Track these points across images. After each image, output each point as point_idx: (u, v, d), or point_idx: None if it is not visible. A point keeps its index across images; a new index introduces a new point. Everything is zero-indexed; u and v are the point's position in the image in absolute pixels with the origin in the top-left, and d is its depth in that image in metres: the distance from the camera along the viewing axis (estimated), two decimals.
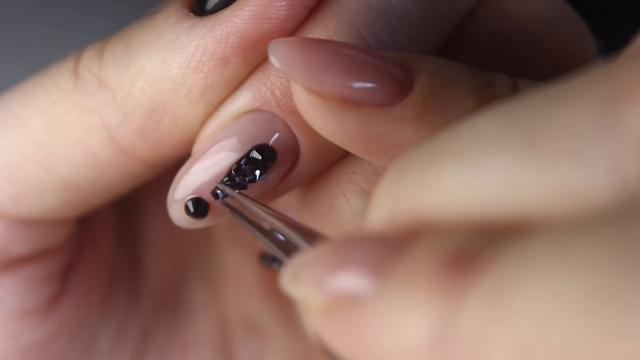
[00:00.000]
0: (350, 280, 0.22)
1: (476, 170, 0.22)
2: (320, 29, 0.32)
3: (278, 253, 0.31)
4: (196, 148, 0.34)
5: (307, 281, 0.23)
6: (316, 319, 0.23)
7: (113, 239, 0.41)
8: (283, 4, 0.31)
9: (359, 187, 0.33)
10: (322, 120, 0.30)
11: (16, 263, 0.37)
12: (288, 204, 0.38)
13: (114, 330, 0.41)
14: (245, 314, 0.43)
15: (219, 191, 0.33)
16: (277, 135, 0.32)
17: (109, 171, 0.34)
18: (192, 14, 0.32)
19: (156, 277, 0.42)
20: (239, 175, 0.33)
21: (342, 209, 0.33)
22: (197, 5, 0.32)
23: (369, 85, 0.29)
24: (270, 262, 0.38)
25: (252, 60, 0.32)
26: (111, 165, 0.34)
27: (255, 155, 0.32)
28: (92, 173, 0.34)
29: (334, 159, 0.34)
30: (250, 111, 0.33)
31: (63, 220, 0.36)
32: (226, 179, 0.33)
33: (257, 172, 0.32)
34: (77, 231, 0.39)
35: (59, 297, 0.38)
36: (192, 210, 0.33)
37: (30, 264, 0.37)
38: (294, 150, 0.33)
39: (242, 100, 0.33)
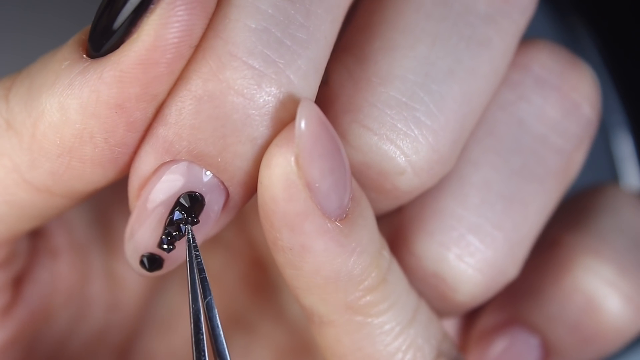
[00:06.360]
0: None
1: None
2: (204, 69, 0.31)
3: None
4: (131, 205, 0.33)
5: None
6: None
7: (75, 254, 0.41)
8: (169, 47, 0.30)
9: None
10: (274, 187, 0.31)
11: None
12: None
13: (88, 337, 0.41)
14: (231, 311, 0.42)
15: (164, 245, 0.33)
16: (199, 180, 0.32)
17: (30, 207, 0.34)
18: (85, 55, 0.31)
19: (136, 286, 0.42)
20: (172, 228, 0.33)
21: None
22: (91, 46, 0.31)
23: (334, 191, 0.31)
24: None
25: (148, 103, 0.31)
26: (30, 202, 0.34)
27: (184, 203, 0.32)
28: (14, 210, 0.34)
29: None
30: (164, 164, 0.32)
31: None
32: (166, 231, 0.33)
33: (189, 220, 0.32)
34: (28, 245, 0.39)
35: (12, 306, 0.38)
36: (148, 266, 0.34)
37: None
38: (220, 186, 0.32)
39: (153, 156, 0.32)
